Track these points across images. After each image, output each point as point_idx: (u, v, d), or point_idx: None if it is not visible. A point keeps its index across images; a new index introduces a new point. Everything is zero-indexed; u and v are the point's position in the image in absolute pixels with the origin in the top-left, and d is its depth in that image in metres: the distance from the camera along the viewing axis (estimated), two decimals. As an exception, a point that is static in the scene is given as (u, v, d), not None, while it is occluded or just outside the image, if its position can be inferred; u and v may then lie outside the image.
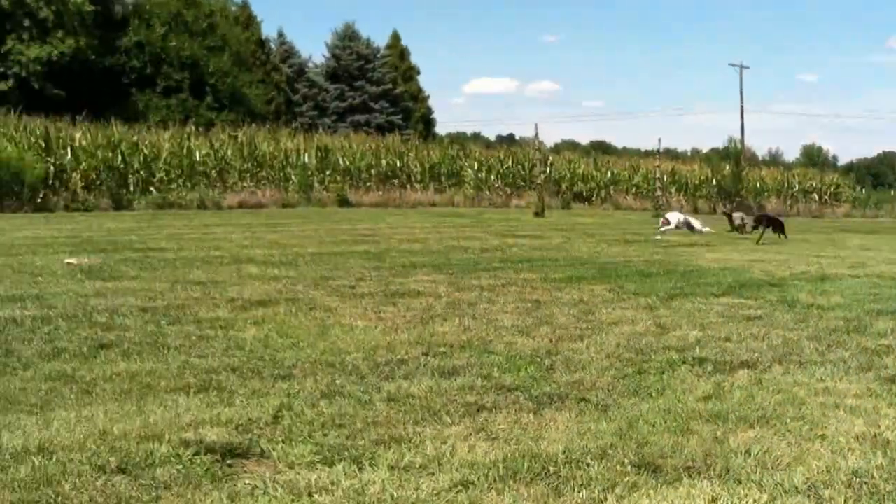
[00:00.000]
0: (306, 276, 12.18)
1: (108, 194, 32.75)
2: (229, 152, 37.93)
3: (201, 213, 31.18)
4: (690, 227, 21.89)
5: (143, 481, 4.46)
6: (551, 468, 4.80)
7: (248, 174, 37.61)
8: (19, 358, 6.95)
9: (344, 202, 37.61)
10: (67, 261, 13.33)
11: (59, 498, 4.25)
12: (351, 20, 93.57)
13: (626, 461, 4.92)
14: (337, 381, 6.42)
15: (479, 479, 4.64)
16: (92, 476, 4.49)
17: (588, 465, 4.86)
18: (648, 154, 58.96)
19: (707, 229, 22.06)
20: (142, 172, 34.53)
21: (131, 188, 33.88)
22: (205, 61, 62.01)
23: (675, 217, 22.27)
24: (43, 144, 32.58)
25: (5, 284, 10.96)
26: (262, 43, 74.95)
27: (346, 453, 4.93)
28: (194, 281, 11.51)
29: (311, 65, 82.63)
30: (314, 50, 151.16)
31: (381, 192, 40.18)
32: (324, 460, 4.83)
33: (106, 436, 5.04)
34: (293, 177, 38.57)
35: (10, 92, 55.18)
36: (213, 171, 36.68)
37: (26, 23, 57.10)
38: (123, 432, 5.10)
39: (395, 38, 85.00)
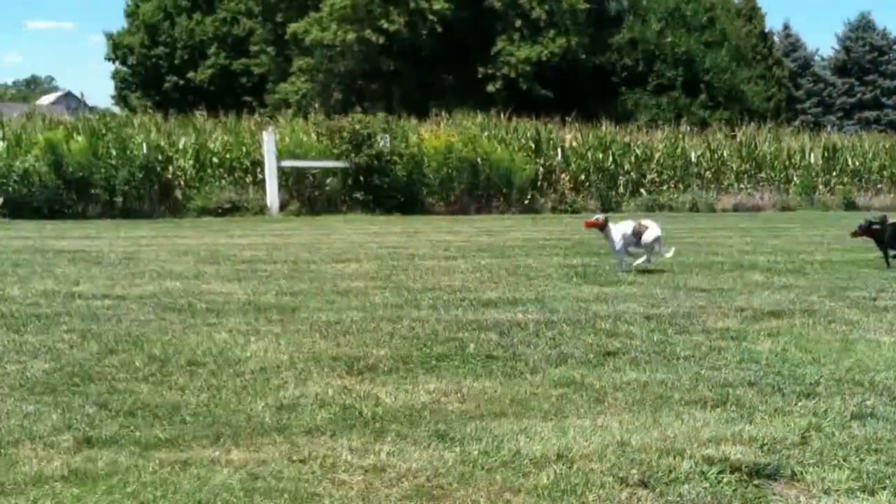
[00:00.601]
0: (819, 286, 11.79)
1: (597, 196, 33.65)
2: (725, 153, 37.71)
3: (693, 216, 31.25)
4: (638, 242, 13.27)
5: (669, 498, 4.49)
6: None
7: (746, 175, 37.22)
8: (526, 362, 7.25)
9: (850, 205, 36.21)
10: None
11: (585, 508, 4.38)
12: (867, 10, 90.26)
13: None
14: (867, 402, 6.14)
15: None
16: (615, 488, 4.58)
17: None
18: None
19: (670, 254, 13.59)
20: (632, 174, 35.18)
21: (620, 190, 34.61)
22: (701, 57, 62.12)
23: (620, 229, 13.25)
24: (532, 146, 33.99)
25: (502, 286, 11.52)
26: (764, 36, 73.88)
27: (888, 482, 4.70)
28: (697, 288, 11.50)
29: (817, 58, 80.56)
30: (822, 43, 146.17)
31: (892, 195, 38.29)
32: (863, 488, 4.63)
33: (624, 447, 5.12)
34: (795, 178, 37.70)
35: (497, 93, 58.25)
36: (708, 173, 36.64)
37: (518, 23, 60.00)
38: (642, 444, 5.16)
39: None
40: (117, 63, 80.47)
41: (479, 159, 31.53)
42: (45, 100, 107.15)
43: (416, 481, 4.63)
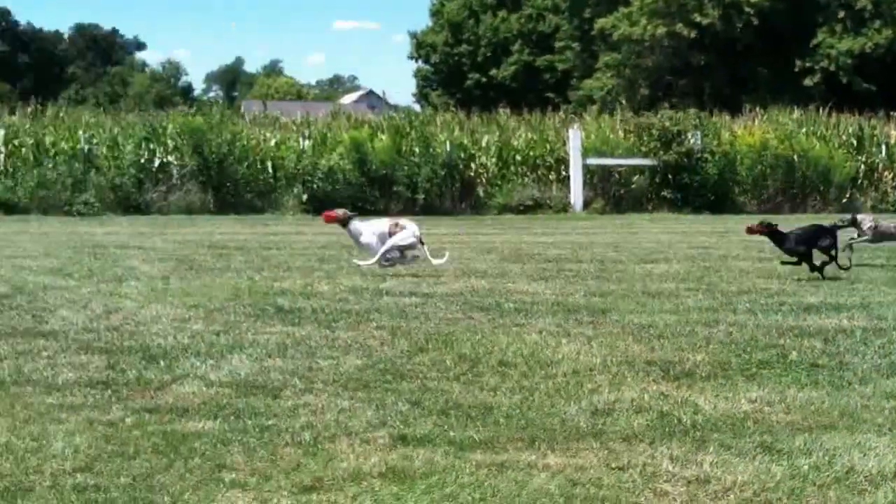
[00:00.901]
0: None
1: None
2: None
3: None
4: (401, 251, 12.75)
5: None
6: None
7: None
8: (855, 372, 6.98)
9: None
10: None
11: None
12: None
13: None
14: None
15: None
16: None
17: None
18: None
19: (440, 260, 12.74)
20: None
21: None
22: None
23: (371, 228, 12.93)
24: (854, 143, 32.84)
25: (823, 291, 11.11)
26: None
27: None
28: None
29: None
30: None
31: None
32: None
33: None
34: None
35: (815, 87, 56.49)
36: None
37: (840, 14, 58.07)
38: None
39: None
40: (419, 61, 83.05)
41: (795, 156, 30.68)
42: (347, 99, 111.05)
43: (743, 495, 4.51)
